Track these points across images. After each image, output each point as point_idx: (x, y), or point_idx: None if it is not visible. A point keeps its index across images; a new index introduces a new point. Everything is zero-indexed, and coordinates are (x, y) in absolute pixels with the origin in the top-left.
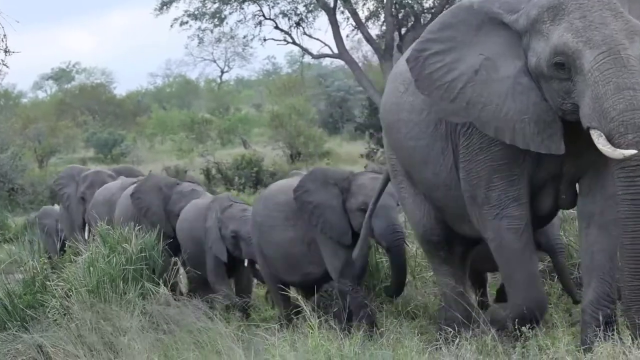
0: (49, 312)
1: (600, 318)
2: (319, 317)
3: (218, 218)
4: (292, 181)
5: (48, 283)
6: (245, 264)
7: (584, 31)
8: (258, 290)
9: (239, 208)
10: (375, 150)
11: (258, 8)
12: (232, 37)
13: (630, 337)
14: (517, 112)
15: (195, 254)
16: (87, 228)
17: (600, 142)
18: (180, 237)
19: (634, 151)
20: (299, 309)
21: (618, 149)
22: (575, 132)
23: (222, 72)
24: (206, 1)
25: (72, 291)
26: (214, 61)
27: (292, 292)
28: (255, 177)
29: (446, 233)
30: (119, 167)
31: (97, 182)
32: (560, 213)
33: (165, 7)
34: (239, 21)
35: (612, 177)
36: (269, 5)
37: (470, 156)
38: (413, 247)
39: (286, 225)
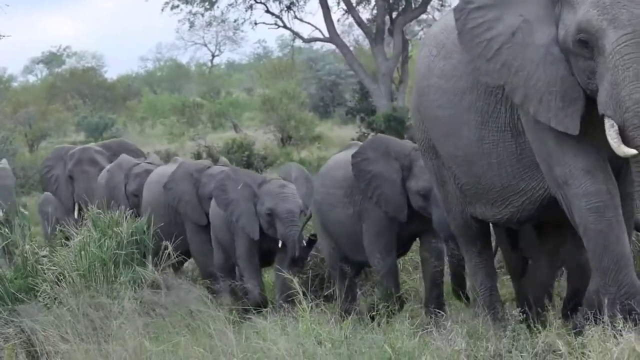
0: (39, 296)
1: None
2: (312, 300)
3: (254, 192)
4: (349, 153)
5: (39, 267)
6: (279, 244)
7: (611, 8)
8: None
9: (277, 184)
10: (366, 135)
11: None
12: (223, 21)
13: (620, 320)
14: (545, 83)
15: (229, 240)
16: (76, 207)
17: (611, 133)
18: (214, 225)
19: (634, 151)
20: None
21: (622, 146)
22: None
23: (213, 55)
24: None
25: (63, 275)
26: (205, 45)
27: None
28: (246, 161)
29: (484, 222)
30: (110, 141)
31: (85, 159)
32: None
33: None
34: (230, 5)
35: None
36: None
37: (533, 131)
38: None
39: (345, 202)
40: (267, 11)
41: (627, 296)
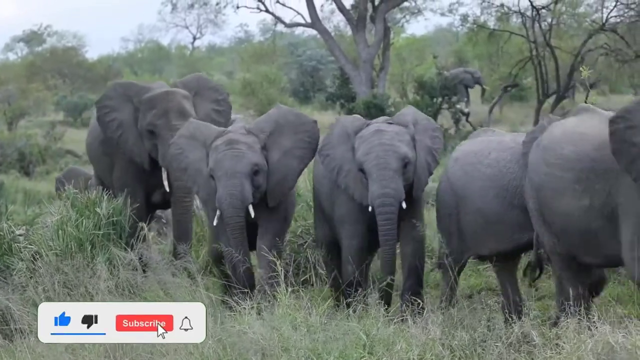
0: (15, 274)
1: None
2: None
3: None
4: (585, 121)
5: (15, 245)
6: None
7: None
8: None
9: (372, 129)
10: None
11: None
12: (205, 4)
13: (596, 312)
14: None
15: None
16: (164, 175)
17: None
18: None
19: None
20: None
21: None
22: None
23: (194, 38)
24: None
25: (39, 254)
26: (187, 27)
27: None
28: None
29: None
30: (188, 79)
31: (173, 109)
32: None
33: None
34: None
35: None
36: None
37: None
38: None
39: (576, 189)
40: None
41: None
